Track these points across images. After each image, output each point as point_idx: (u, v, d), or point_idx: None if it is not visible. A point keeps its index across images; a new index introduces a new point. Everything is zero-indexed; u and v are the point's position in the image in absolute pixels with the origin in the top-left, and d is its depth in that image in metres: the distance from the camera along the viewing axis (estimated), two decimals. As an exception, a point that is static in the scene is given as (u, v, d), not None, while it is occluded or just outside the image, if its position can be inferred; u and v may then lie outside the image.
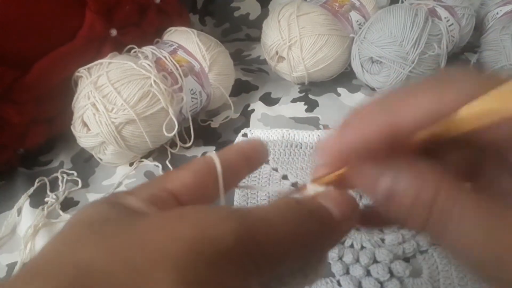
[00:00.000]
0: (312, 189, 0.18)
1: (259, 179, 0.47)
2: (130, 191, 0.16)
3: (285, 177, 0.47)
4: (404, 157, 0.15)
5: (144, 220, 0.14)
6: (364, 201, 0.44)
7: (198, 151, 0.53)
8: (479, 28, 0.66)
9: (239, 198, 0.44)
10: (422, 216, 0.15)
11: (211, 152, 0.19)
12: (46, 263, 0.13)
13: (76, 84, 0.49)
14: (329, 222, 0.16)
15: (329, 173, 0.18)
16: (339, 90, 0.61)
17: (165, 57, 0.52)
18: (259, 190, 0.45)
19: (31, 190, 0.48)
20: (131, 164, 0.51)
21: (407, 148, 0.15)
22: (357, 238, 0.39)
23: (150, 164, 0.51)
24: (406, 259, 0.37)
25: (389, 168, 0.15)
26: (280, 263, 0.14)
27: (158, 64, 0.51)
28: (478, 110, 0.13)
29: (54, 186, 0.49)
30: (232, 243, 0.13)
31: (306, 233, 0.15)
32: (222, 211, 0.14)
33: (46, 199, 0.47)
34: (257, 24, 0.71)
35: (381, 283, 0.35)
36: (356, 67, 0.59)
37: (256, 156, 0.20)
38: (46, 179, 0.50)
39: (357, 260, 0.37)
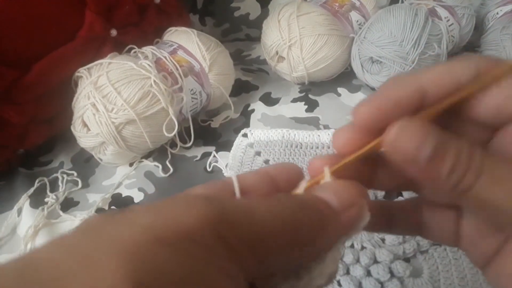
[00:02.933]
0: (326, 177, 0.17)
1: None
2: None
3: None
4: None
5: (124, 214, 0.13)
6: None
7: (198, 151, 0.53)
8: (479, 28, 0.66)
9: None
10: (461, 172, 0.15)
11: (232, 175, 0.17)
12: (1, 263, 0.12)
13: (76, 84, 0.49)
14: (326, 213, 0.15)
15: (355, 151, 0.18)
16: (339, 90, 0.61)
17: (165, 57, 0.52)
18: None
19: (31, 190, 0.48)
20: (131, 164, 0.51)
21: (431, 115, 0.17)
22: (357, 238, 0.39)
23: (150, 164, 0.51)
24: (407, 259, 0.37)
25: (431, 130, 0.16)
26: (267, 254, 0.13)
27: (158, 64, 0.51)
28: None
29: (54, 187, 0.49)
30: (198, 225, 0.12)
31: (295, 224, 0.14)
32: (189, 197, 0.13)
33: (46, 200, 0.47)
34: (257, 24, 0.71)
35: (381, 283, 0.35)
36: (356, 67, 0.59)
37: (284, 180, 0.18)
38: (46, 179, 0.50)
39: (358, 260, 0.37)
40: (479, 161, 0.16)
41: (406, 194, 0.43)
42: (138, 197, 0.47)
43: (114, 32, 0.53)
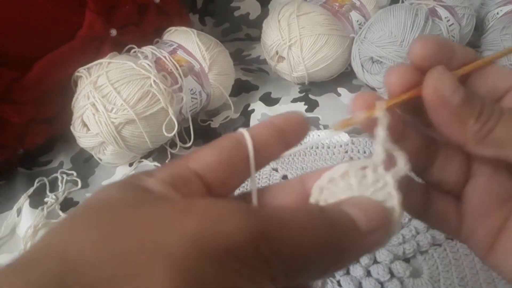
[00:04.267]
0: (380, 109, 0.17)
1: (259, 179, 0.47)
2: (151, 172, 0.15)
3: (285, 177, 0.47)
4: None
5: (149, 209, 0.13)
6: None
7: (198, 151, 0.52)
8: (480, 28, 0.66)
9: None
10: (484, 120, 0.17)
11: (242, 129, 0.17)
12: (34, 256, 0.12)
13: (75, 84, 0.49)
14: (353, 233, 0.15)
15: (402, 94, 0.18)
16: (339, 90, 0.61)
17: (165, 57, 0.52)
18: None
19: (31, 190, 0.48)
20: (130, 164, 0.51)
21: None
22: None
23: (150, 164, 0.51)
24: (407, 260, 0.37)
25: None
26: (297, 270, 0.13)
27: (158, 64, 0.51)
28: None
29: (53, 187, 0.49)
30: (242, 241, 0.12)
31: (325, 244, 0.14)
32: (234, 205, 0.13)
33: (45, 200, 0.47)
34: (257, 23, 0.71)
35: (381, 283, 0.35)
36: (356, 67, 0.59)
37: (292, 130, 0.18)
38: (45, 179, 0.49)
39: (358, 261, 0.37)
40: (499, 111, 0.18)
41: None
42: (137, 197, 0.47)
43: (114, 32, 0.53)
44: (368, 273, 0.36)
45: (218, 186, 0.16)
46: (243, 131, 0.17)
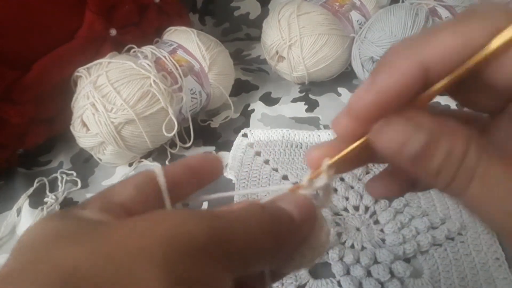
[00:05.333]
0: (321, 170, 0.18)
1: (259, 179, 0.47)
2: (81, 205, 0.16)
3: (285, 177, 0.47)
4: (430, 114, 0.15)
5: (114, 225, 0.15)
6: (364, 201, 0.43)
7: (198, 151, 0.53)
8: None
9: (239, 199, 0.44)
10: (448, 178, 0.15)
11: (156, 166, 0.19)
12: (29, 270, 0.12)
13: (75, 84, 0.49)
14: (290, 224, 0.17)
15: (346, 146, 0.18)
16: (340, 90, 0.61)
17: (164, 56, 0.52)
18: (231, 194, 0.45)
19: (31, 190, 0.48)
20: (130, 164, 0.51)
21: (432, 97, 0.16)
22: (357, 238, 0.39)
23: (149, 164, 0.51)
24: (407, 260, 0.37)
25: (422, 124, 0.15)
26: (252, 260, 0.16)
27: (158, 64, 0.51)
28: (509, 38, 0.14)
29: (53, 187, 0.49)
30: (205, 240, 0.14)
31: (269, 235, 0.16)
32: (190, 212, 0.15)
33: (45, 200, 0.47)
34: (257, 23, 0.71)
35: (381, 283, 0.35)
36: (356, 66, 0.59)
37: (204, 172, 0.20)
38: (45, 180, 0.49)
39: (358, 261, 0.37)
40: (473, 162, 0.14)
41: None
42: (137, 197, 0.47)
43: (113, 32, 0.52)
44: (369, 273, 0.36)
45: None
46: (157, 169, 0.18)
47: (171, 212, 0.16)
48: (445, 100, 0.50)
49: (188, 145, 0.52)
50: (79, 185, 0.49)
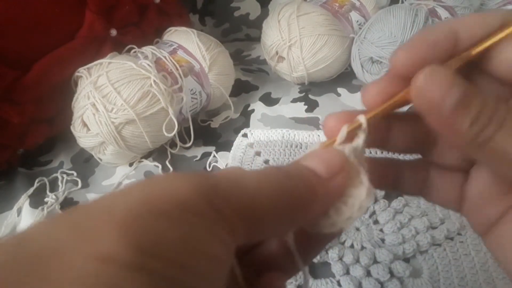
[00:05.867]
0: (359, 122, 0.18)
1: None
2: None
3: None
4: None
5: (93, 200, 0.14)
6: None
7: (198, 151, 0.53)
8: (479, 28, 0.66)
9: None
10: (485, 121, 0.15)
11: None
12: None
13: (76, 84, 0.49)
14: (314, 180, 0.16)
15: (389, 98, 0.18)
16: (339, 90, 0.61)
17: (165, 57, 0.52)
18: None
19: (31, 190, 0.48)
20: (131, 164, 0.51)
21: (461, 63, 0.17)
22: (357, 238, 0.39)
23: (150, 164, 0.51)
24: (406, 260, 0.37)
25: (457, 80, 0.16)
26: (257, 223, 0.14)
27: (158, 64, 0.51)
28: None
29: (54, 186, 0.49)
30: (192, 195, 0.13)
31: (282, 193, 0.15)
32: (181, 173, 0.14)
33: (46, 199, 0.47)
34: (257, 24, 0.71)
35: (381, 283, 0.35)
36: (356, 67, 0.59)
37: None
38: (46, 179, 0.50)
39: (357, 261, 0.37)
40: (503, 114, 0.15)
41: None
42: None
43: (114, 32, 0.53)
44: (368, 273, 0.36)
45: None
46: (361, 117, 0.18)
47: (155, 177, 0.14)
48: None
49: (188, 145, 0.52)
50: (80, 185, 0.49)
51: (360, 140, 0.18)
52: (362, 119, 0.18)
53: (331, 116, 0.18)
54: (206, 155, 0.52)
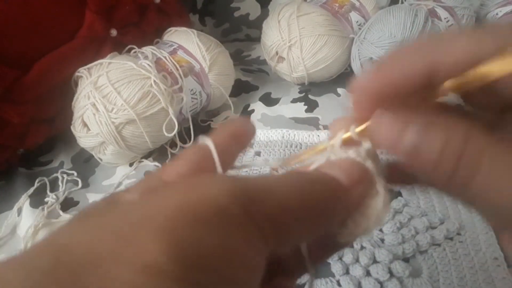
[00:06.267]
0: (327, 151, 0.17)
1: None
2: (127, 189, 0.16)
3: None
4: (431, 109, 0.15)
5: (128, 202, 0.14)
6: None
7: (198, 151, 0.53)
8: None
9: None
10: (449, 169, 0.14)
11: (203, 137, 0.17)
12: (25, 251, 0.12)
13: (76, 84, 0.49)
14: (336, 188, 0.16)
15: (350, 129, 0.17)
16: (339, 90, 0.61)
17: (165, 57, 0.52)
18: (261, 166, 0.45)
19: (31, 190, 0.48)
20: (131, 164, 0.51)
21: (437, 96, 0.15)
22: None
23: (150, 164, 0.51)
24: (406, 259, 0.37)
25: (415, 119, 0.15)
26: (287, 230, 0.14)
27: (158, 64, 0.51)
28: None
29: (54, 186, 0.49)
30: (228, 202, 0.12)
31: (310, 202, 0.14)
32: (216, 175, 0.14)
33: (46, 199, 0.47)
34: (257, 24, 0.71)
35: (381, 283, 0.35)
36: (356, 67, 0.59)
37: (243, 136, 0.19)
38: (46, 179, 0.50)
39: (357, 260, 0.37)
40: (477, 149, 0.14)
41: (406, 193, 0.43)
42: (138, 197, 0.47)
43: (114, 32, 0.53)
44: (368, 273, 0.36)
45: None
46: (207, 141, 0.17)
47: (191, 178, 0.14)
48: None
49: (188, 145, 0.53)
50: (80, 185, 0.49)
51: (369, 145, 0.17)
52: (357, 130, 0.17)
53: (339, 122, 0.18)
54: (206, 155, 0.52)
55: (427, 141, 0.14)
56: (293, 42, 0.58)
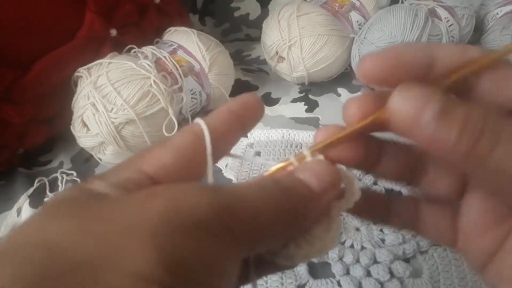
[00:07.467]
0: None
1: (249, 175, 0.47)
2: (101, 175, 0.16)
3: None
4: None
5: (111, 200, 0.14)
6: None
7: (198, 151, 0.53)
8: (479, 28, 0.66)
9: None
10: (472, 139, 0.14)
11: (198, 119, 0.16)
12: (14, 245, 0.12)
13: (75, 84, 0.49)
14: (307, 196, 0.16)
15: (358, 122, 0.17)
16: (339, 90, 0.61)
17: (165, 57, 0.52)
18: (252, 162, 0.46)
19: (31, 190, 0.48)
20: (131, 164, 0.51)
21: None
22: (357, 238, 0.39)
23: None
24: (407, 260, 0.37)
25: (436, 93, 0.15)
26: (259, 237, 0.14)
27: (158, 64, 0.51)
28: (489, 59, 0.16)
29: (53, 186, 0.49)
30: (207, 214, 0.13)
31: (281, 209, 0.15)
32: (194, 185, 0.14)
33: (45, 200, 0.47)
34: (257, 24, 0.71)
35: (381, 283, 0.35)
36: (356, 67, 0.59)
37: (248, 115, 0.18)
38: (45, 179, 0.49)
39: (358, 261, 0.37)
40: (495, 124, 0.14)
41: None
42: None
43: (114, 32, 0.53)
44: (368, 273, 0.36)
45: None
46: (200, 122, 0.16)
47: (172, 186, 0.14)
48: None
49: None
50: (79, 185, 0.49)
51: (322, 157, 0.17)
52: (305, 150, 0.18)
53: (353, 102, 0.18)
54: (206, 155, 0.52)
55: (452, 112, 0.14)
56: (293, 42, 0.57)
